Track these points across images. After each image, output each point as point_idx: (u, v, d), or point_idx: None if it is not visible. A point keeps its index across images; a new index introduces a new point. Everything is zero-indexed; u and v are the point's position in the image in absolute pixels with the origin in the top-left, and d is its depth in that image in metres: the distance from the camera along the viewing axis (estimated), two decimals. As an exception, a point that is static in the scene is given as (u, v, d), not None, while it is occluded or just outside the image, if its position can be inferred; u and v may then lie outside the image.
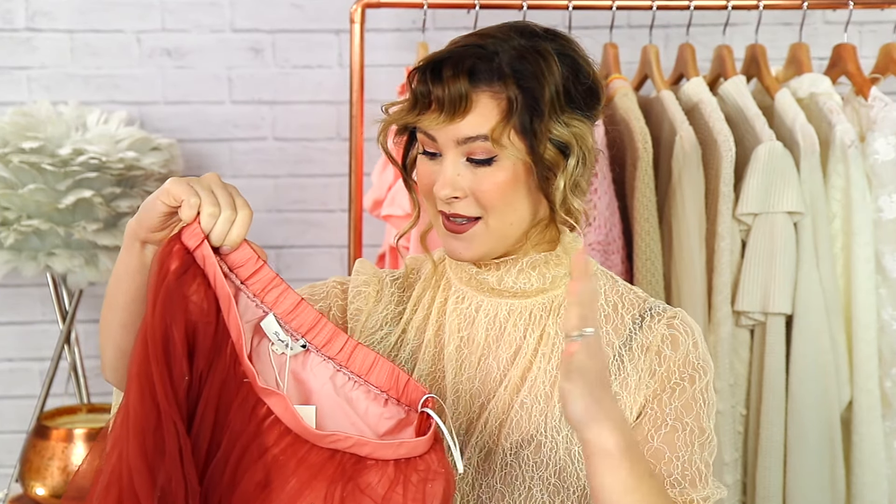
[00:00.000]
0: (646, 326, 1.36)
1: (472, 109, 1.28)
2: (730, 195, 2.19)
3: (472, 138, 1.29)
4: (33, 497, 2.41)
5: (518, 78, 1.28)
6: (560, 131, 1.29)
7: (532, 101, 1.28)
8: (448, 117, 1.29)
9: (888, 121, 2.22)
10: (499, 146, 1.28)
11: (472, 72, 1.28)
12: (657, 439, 1.32)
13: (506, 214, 1.32)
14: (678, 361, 1.34)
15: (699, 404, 1.33)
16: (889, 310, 2.22)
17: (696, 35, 2.46)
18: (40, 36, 2.69)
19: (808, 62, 2.37)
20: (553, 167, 1.30)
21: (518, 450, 1.33)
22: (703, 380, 1.35)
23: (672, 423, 1.32)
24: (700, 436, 1.33)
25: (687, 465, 1.31)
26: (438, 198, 1.32)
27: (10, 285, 2.74)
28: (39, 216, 2.38)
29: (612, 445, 1.17)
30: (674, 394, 1.33)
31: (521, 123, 1.28)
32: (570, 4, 2.27)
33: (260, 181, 2.76)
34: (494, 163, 1.30)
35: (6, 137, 2.39)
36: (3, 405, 2.80)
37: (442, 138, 1.31)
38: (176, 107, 2.74)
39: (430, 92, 1.29)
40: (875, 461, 2.21)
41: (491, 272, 1.38)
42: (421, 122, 1.31)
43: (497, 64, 1.29)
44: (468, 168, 1.31)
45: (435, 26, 2.65)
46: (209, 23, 2.71)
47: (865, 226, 2.21)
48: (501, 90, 1.28)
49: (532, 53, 1.30)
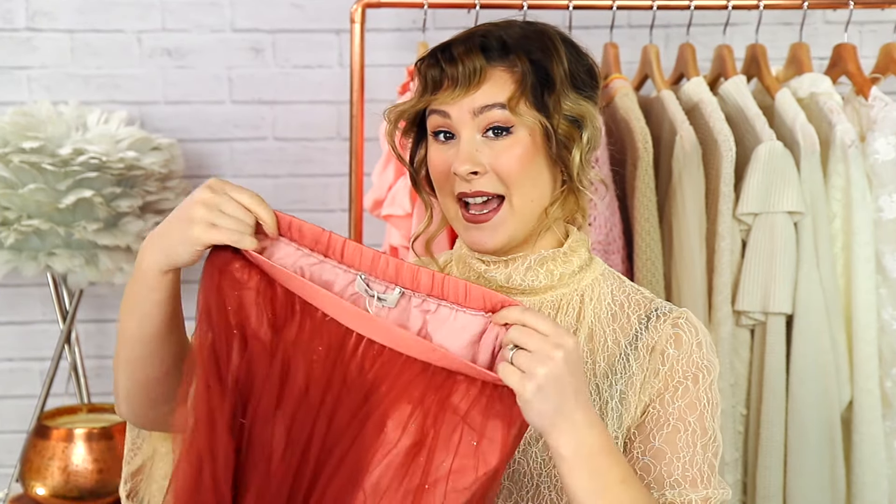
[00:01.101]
0: (651, 326, 1.36)
1: (487, 80, 1.31)
2: (730, 195, 2.19)
3: (488, 106, 1.31)
4: (34, 497, 2.41)
5: (528, 53, 1.32)
6: (571, 105, 1.32)
7: (544, 76, 1.31)
8: (463, 90, 1.31)
9: (888, 120, 2.22)
10: (516, 114, 1.30)
11: (484, 48, 1.32)
12: (658, 439, 1.32)
13: (527, 190, 1.33)
14: (682, 361, 1.34)
15: (703, 404, 1.33)
16: (889, 310, 2.22)
17: (696, 35, 2.47)
18: (40, 36, 2.70)
19: (808, 62, 2.38)
20: (568, 140, 1.33)
21: (526, 447, 1.34)
22: (706, 379, 1.34)
23: (674, 423, 1.32)
24: (703, 436, 1.32)
25: (688, 465, 1.30)
26: (459, 175, 1.32)
27: (10, 285, 2.75)
28: (40, 216, 2.37)
29: (568, 452, 1.18)
30: (676, 393, 1.33)
31: (535, 96, 1.31)
32: (571, 4, 2.28)
33: (260, 181, 2.76)
34: (511, 134, 1.32)
35: (6, 137, 2.38)
36: (3, 405, 2.81)
37: (457, 113, 1.32)
38: (176, 107, 2.74)
39: (442, 72, 1.32)
40: (875, 461, 2.21)
41: (500, 269, 1.38)
42: (436, 99, 1.33)
43: (506, 42, 1.32)
44: (486, 143, 1.32)
45: (435, 26, 2.64)
46: (209, 23, 2.72)
47: (866, 225, 2.20)
48: (514, 64, 1.32)
49: (537, 34, 1.34)
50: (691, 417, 1.32)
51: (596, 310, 1.39)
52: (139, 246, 2.34)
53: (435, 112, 1.34)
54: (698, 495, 1.29)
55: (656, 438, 1.32)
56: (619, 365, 1.36)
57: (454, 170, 1.32)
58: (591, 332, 1.38)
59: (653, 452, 1.32)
